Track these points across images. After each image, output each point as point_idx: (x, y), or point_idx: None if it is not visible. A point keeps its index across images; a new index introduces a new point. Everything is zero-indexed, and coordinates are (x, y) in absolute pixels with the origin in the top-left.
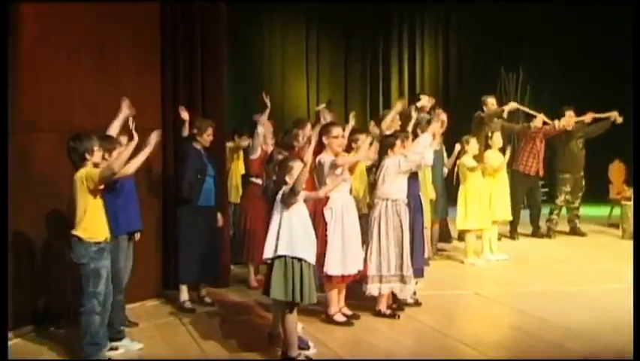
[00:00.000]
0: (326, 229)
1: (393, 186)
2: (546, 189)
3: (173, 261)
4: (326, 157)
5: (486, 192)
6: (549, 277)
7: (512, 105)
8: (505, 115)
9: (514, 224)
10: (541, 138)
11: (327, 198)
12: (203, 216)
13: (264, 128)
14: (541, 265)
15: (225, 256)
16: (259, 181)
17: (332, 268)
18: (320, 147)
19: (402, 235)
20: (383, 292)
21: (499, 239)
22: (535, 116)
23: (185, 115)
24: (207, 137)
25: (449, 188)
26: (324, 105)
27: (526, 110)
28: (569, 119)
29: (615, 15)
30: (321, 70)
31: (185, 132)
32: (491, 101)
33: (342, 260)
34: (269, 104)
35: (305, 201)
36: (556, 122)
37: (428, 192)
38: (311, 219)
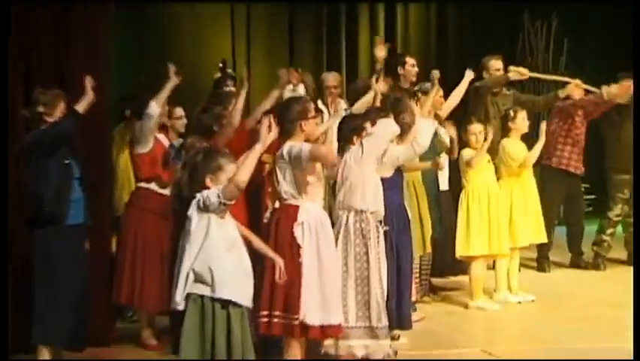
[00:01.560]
0: (298, 255)
1: (363, 190)
2: (591, 196)
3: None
4: (302, 145)
5: (501, 202)
6: (595, 330)
7: (521, 71)
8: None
9: (544, 248)
10: (582, 117)
11: (294, 209)
12: (69, 241)
13: (161, 107)
14: (584, 312)
15: (104, 303)
16: (154, 188)
17: (310, 314)
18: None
19: (367, 266)
20: (342, 353)
21: (520, 270)
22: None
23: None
24: (59, 113)
25: (451, 194)
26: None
27: (553, 78)
28: (625, 89)
29: None
30: (253, 20)
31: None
32: (494, 65)
33: (322, 303)
34: (173, 75)
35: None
36: (604, 89)
37: (418, 202)
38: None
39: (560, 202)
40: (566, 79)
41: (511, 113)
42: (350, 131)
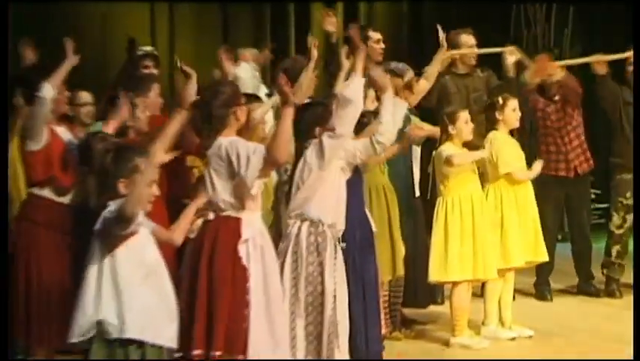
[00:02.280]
0: (244, 280)
1: (322, 196)
2: (604, 205)
3: None
4: (255, 147)
5: (487, 213)
6: None
7: (510, 52)
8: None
9: (544, 271)
10: (575, 102)
11: (235, 223)
12: None
13: (59, 91)
14: (594, 351)
15: None
16: (50, 195)
17: (257, 352)
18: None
19: (322, 290)
20: None
21: (514, 298)
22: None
23: None
24: None
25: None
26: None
27: (571, 61)
28: (540, 66)
29: None
30: None
31: None
32: (466, 40)
33: (271, 338)
34: (71, 53)
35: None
36: (598, 58)
37: (388, 213)
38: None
39: (559, 213)
40: (583, 60)
41: (499, 101)
42: (312, 122)
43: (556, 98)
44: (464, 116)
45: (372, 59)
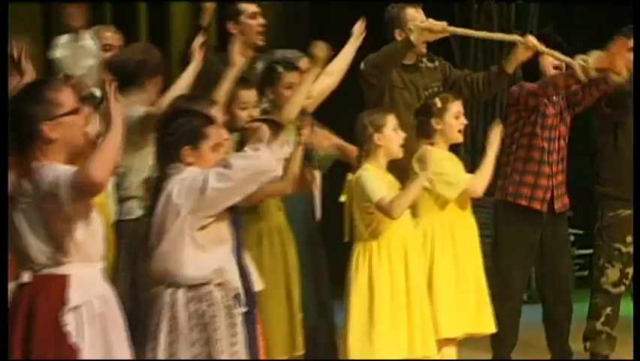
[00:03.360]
0: None
1: (198, 247)
2: (588, 251)
3: None
4: (57, 170)
5: (421, 264)
6: None
7: (430, 26)
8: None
9: (502, 345)
10: (556, 111)
11: (57, 283)
12: None
13: None
14: None
15: None
16: None
17: None
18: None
19: None
20: None
21: None
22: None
23: None
24: None
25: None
26: None
27: (492, 36)
28: (614, 56)
29: None
30: None
31: None
32: (413, 16)
33: None
34: None
35: None
36: (579, 59)
37: (285, 260)
38: None
39: (527, 262)
40: (514, 37)
41: (437, 103)
42: (179, 139)
43: (556, 98)
44: (392, 122)
45: (249, 41)
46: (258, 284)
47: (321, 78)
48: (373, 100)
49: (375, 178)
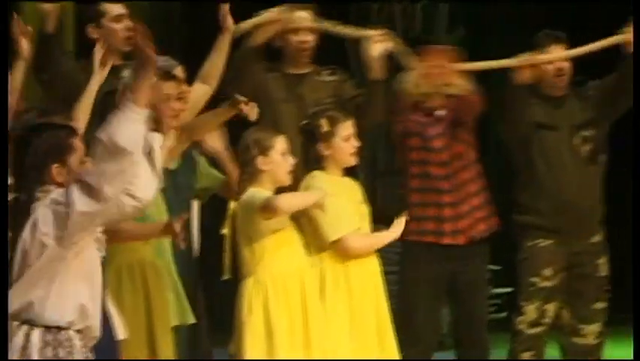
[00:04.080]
0: None
1: (61, 285)
2: (504, 290)
3: None
4: None
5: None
6: None
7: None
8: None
9: None
10: (472, 124)
11: None
12: None
13: None
14: None
15: None
16: None
17: None
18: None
19: None
20: None
21: None
22: None
23: None
24: None
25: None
26: None
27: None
28: (555, 57)
29: None
30: None
31: None
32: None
33: None
34: None
35: None
36: (409, 82)
37: (148, 305)
38: None
39: (435, 302)
40: (367, 32)
41: (323, 126)
42: (47, 157)
43: (441, 113)
44: (280, 145)
45: (113, 47)
46: (121, 331)
47: (195, 86)
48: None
49: (264, 194)
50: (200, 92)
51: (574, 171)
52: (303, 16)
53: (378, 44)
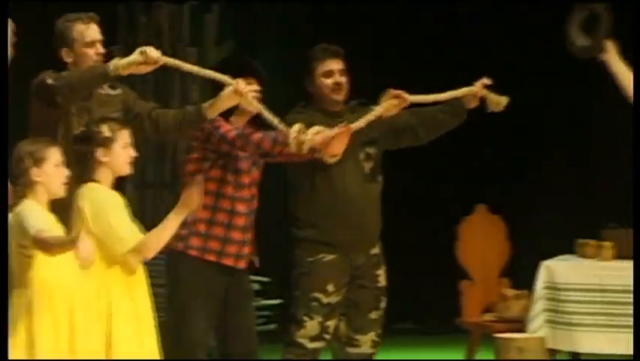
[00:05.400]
0: None
1: None
2: (273, 301)
3: None
4: None
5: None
6: None
7: None
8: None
9: None
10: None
11: None
12: None
13: None
14: None
15: None
16: None
17: None
18: None
19: None
20: None
21: None
22: None
23: None
24: None
25: None
26: None
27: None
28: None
29: None
30: None
31: None
32: (80, 32)
33: None
34: None
35: None
36: (307, 135)
37: None
38: None
39: (209, 317)
40: (225, 79)
41: (104, 131)
42: None
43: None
44: (55, 157)
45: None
46: None
47: None
48: (47, 123)
49: (36, 211)
50: None
51: (356, 186)
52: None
53: (233, 96)
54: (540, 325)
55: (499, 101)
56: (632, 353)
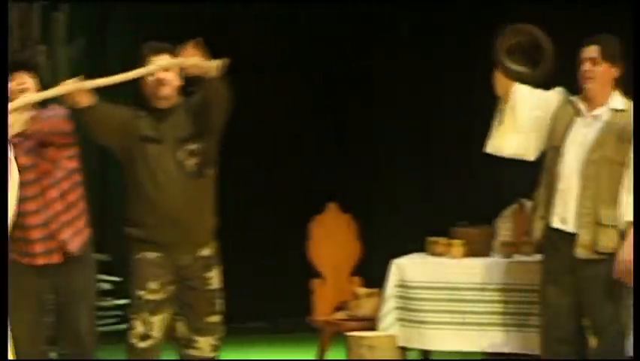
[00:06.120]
0: None
1: None
2: (123, 301)
3: None
4: None
5: None
6: None
7: None
8: None
9: None
10: (30, 145)
11: None
12: None
13: None
14: None
15: None
16: None
17: None
18: None
19: None
20: None
21: None
22: None
23: None
24: None
25: None
26: None
27: None
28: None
29: None
30: None
31: None
32: None
33: None
34: None
35: None
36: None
37: None
38: None
39: (38, 318)
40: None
41: None
42: None
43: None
44: None
45: None
46: None
47: None
48: None
49: None
50: None
51: (179, 184)
52: None
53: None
54: (391, 323)
55: (211, 66)
56: (479, 349)
